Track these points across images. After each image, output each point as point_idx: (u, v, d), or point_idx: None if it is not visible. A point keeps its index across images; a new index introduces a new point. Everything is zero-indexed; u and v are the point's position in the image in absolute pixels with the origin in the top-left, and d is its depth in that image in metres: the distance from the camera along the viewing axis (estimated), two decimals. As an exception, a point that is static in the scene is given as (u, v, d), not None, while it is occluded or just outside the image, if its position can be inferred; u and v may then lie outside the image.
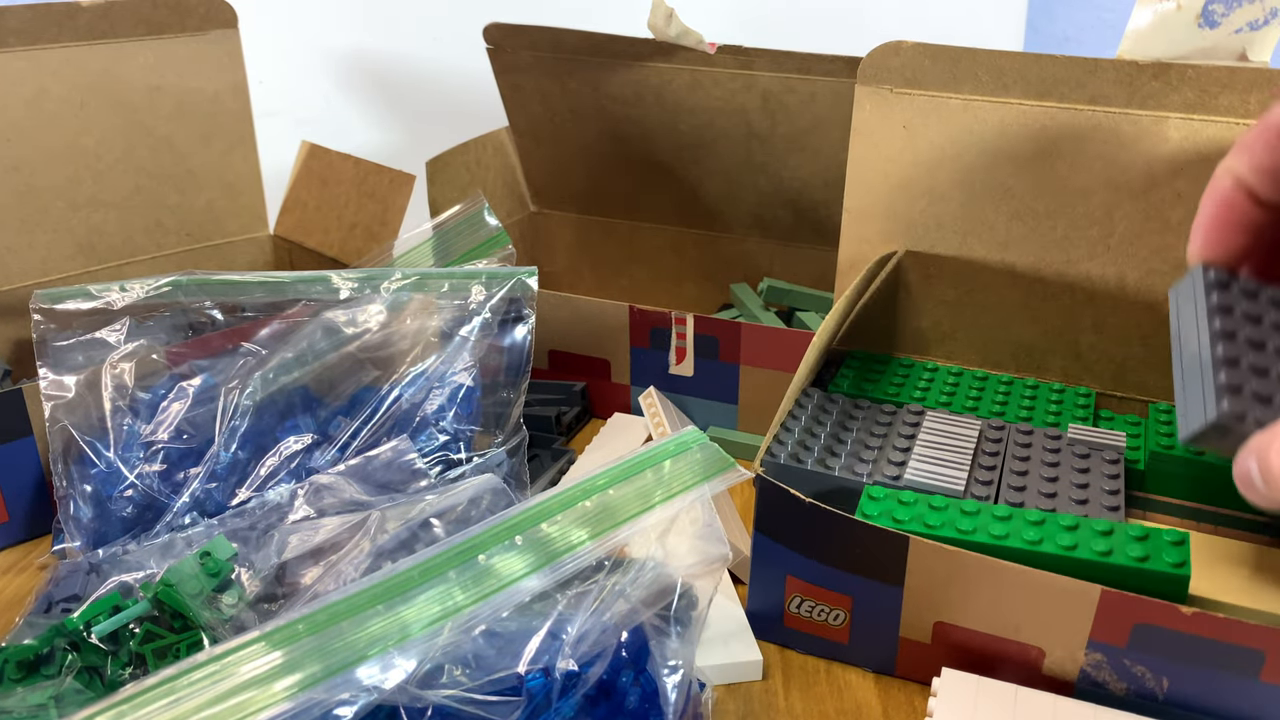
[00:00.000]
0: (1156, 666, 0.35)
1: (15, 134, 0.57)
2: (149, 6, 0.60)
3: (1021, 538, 0.37)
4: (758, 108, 0.65)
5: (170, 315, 0.49)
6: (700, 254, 0.75)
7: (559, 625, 0.31)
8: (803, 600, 0.40)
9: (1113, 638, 0.35)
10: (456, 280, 0.51)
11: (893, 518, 0.39)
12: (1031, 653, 0.37)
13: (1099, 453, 0.44)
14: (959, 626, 0.38)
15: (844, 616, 0.40)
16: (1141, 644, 0.35)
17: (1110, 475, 0.42)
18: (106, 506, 0.46)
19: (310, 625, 0.29)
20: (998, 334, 0.50)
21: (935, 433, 0.45)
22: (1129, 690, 0.36)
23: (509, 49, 0.69)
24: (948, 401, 0.48)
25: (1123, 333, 0.48)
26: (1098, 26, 0.95)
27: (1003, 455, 0.44)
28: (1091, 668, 0.36)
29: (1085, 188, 0.46)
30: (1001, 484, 0.42)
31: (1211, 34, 0.43)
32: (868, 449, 0.44)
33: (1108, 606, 0.34)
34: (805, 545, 0.39)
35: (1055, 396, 0.48)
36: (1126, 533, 0.37)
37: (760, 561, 0.41)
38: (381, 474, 0.46)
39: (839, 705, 0.40)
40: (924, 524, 0.38)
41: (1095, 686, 0.36)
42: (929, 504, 0.39)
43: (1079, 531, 0.37)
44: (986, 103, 0.46)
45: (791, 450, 0.44)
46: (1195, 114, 0.44)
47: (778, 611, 0.41)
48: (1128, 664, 0.35)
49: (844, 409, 0.47)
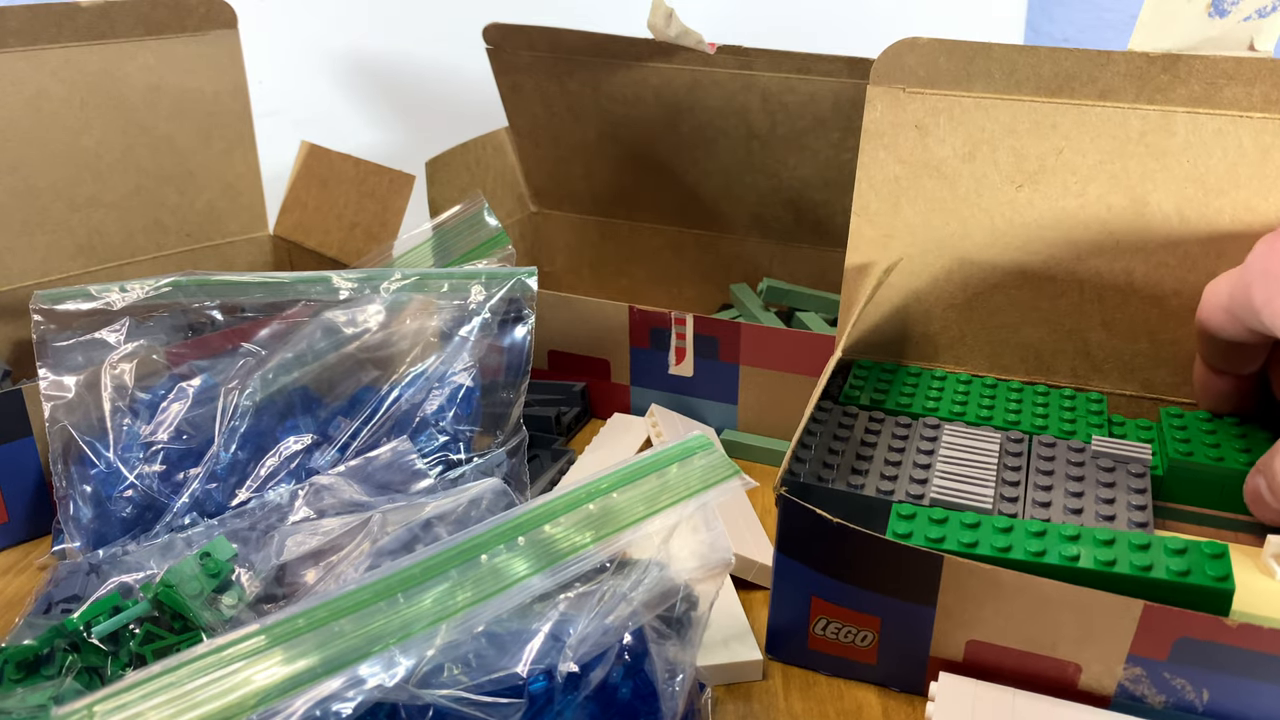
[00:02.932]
0: (1198, 679, 0.34)
1: (15, 134, 0.57)
2: (148, 6, 0.60)
3: (1059, 554, 0.36)
4: (758, 108, 0.65)
5: (170, 315, 0.49)
6: (700, 254, 0.75)
7: (560, 627, 0.31)
8: (829, 622, 0.39)
9: (1153, 652, 0.34)
10: (456, 280, 0.51)
11: (927, 537, 0.38)
12: (1068, 669, 0.36)
13: (1124, 465, 0.43)
14: (992, 644, 0.37)
15: (872, 637, 0.39)
16: (1183, 657, 0.34)
17: (1137, 489, 0.42)
18: (106, 507, 0.46)
19: (310, 621, 0.29)
20: (1007, 336, 0.50)
21: (955, 447, 0.44)
22: (1167, 703, 0.35)
23: (509, 49, 0.69)
24: (961, 412, 0.47)
25: (1131, 329, 0.48)
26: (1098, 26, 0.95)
27: (1025, 469, 0.43)
28: (1130, 681, 0.35)
29: (1096, 182, 0.46)
30: (1027, 499, 0.41)
31: (1221, 23, 0.43)
32: (889, 465, 0.43)
33: (1150, 621, 0.34)
34: (831, 566, 0.38)
35: (1068, 404, 0.48)
36: (1164, 546, 0.36)
37: (783, 583, 0.40)
38: (381, 475, 0.46)
39: (839, 706, 0.40)
40: (960, 543, 0.37)
41: (1133, 700, 0.36)
42: (961, 521, 0.38)
43: (1116, 546, 0.37)
44: (998, 100, 0.46)
45: (812, 468, 0.43)
46: (1200, 108, 0.44)
47: (801, 634, 0.40)
48: (1167, 677, 0.35)
49: (860, 423, 0.47)
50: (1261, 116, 0.43)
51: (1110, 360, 0.49)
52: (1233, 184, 0.44)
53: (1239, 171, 0.44)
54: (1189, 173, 0.45)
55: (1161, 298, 0.47)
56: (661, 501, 0.35)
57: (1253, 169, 0.44)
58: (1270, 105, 0.43)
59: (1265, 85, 0.43)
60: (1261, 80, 0.43)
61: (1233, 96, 0.43)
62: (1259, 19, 0.43)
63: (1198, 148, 0.44)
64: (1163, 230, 0.46)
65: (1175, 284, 0.47)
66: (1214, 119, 0.44)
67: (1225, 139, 0.44)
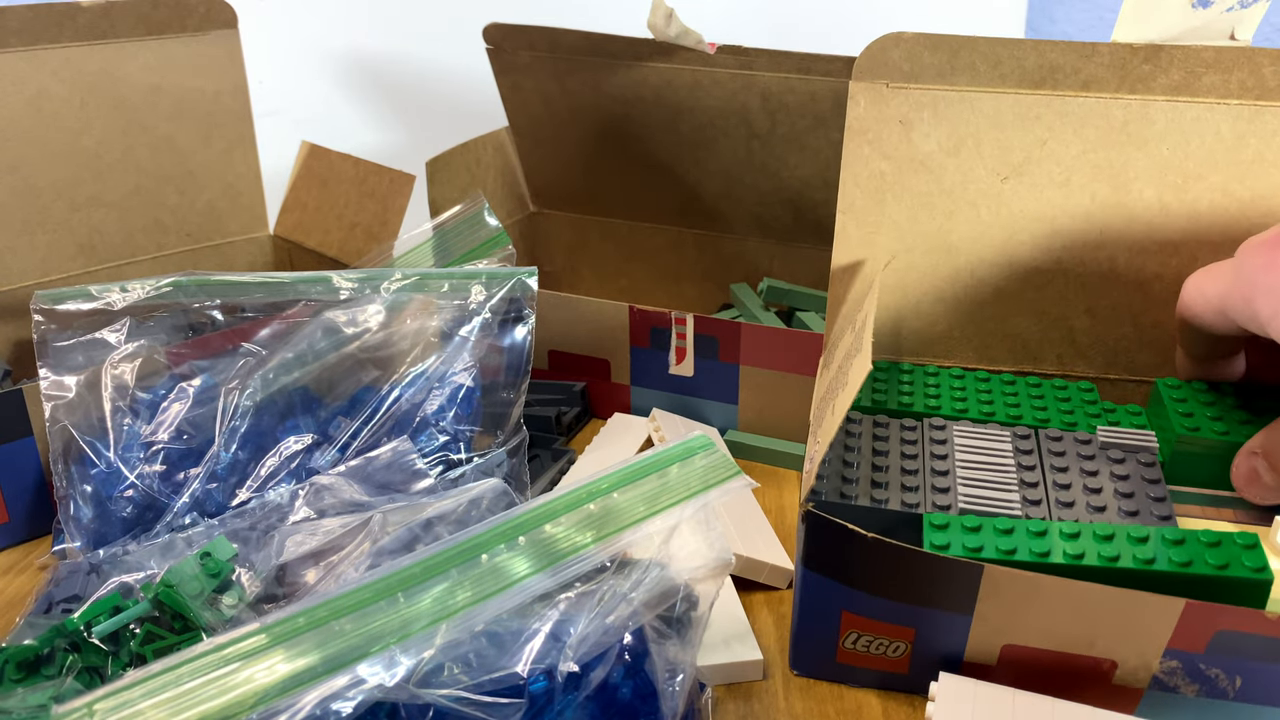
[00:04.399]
0: (1232, 668, 0.35)
1: (15, 134, 0.57)
2: (149, 6, 0.60)
3: (1098, 554, 0.37)
4: (758, 108, 0.65)
5: (171, 315, 0.49)
6: (700, 254, 0.75)
7: (561, 627, 0.31)
8: (859, 635, 0.39)
9: (1191, 645, 0.35)
10: (456, 280, 0.51)
11: (965, 546, 0.38)
12: (1104, 665, 0.37)
13: (1133, 455, 0.43)
14: (1028, 647, 0.37)
15: (904, 648, 0.39)
16: (1220, 649, 0.35)
17: (1151, 479, 0.42)
18: (106, 507, 0.46)
19: (310, 620, 0.29)
20: (994, 327, 0.50)
21: (969, 449, 0.44)
22: (1200, 691, 0.36)
23: (509, 49, 0.69)
24: (964, 409, 0.47)
25: (1114, 315, 0.49)
26: (1098, 26, 0.95)
27: (1040, 467, 0.43)
28: (1165, 674, 0.36)
29: (1078, 173, 0.47)
30: (1050, 499, 0.41)
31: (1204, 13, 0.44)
32: (907, 474, 0.43)
33: (1190, 616, 0.34)
34: (864, 580, 0.38)
35: (1062, 394, 0.49)
36: (1198, 539, 0.37)
37: (811, 599, 0.39)
38: (382, 474, 0.46)
39: (839, 706, 0.40)
40: (998, 550, 0.37)
41: (1167, 691, 0.36)
42: (994, 527, 0.38)
43: (1151, 543, 0.37)
44: (982, 93, 0.46)
45: (832, 483, 0.43)
46: (1180, 96, 0.45)
47: (830, 648, 0.40)
48: (1202, 667, 0.35)
49: (866, 428, 0.47)
50: (1238, 103, 0.44)
51: (1095, 346, 0.50)
52: (1211, 169, 0.45)
53: (1217, 157, 0.45)
54: (1169, 160, 0.46)
55: (1144, 283, 0.48)
56: (662, 502, 0.35)
57: (1229, 154, 0.45)
58: (1246, 92, 0.44)
59: (1242, 72, 0.44)
60: (1239, 68, 0.43)
61: (1211, 84, 0.44)
62: (1240, 9, 0.44)
63: (1177, 135, 0.45)
64: (1144, 217, 0.47)
65: (1157, 269, 0.48)
66: (1193, 107, 0.45)
67: (1203, 126, 0.45)
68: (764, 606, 0.46)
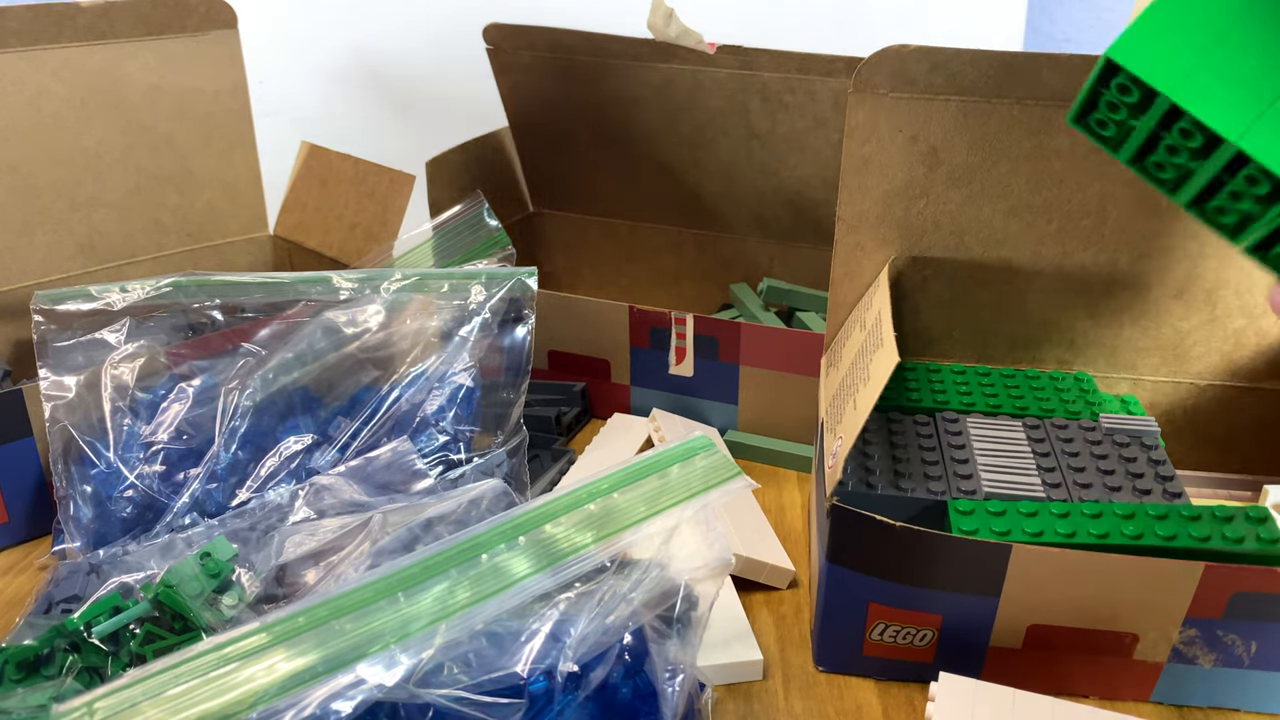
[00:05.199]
0: (1247, 632, 0.37)
1: (15, 134, 0.57)
2: (149, 6, 0.60)
3: (1121, 532, 0.38)
4: (758, 108, 0.65)
5: (170, 315, 0.49)
6: (700, 254, 0.75)
7: (560, 627, 0.31)
8: (887, 626, 0.40)
9: (1209, 611, 0.37)
10: (456, 281, 0.51)
11: (992, 530, 0.39)
12: (1125, 639, 0.38)
13: (1137, 440, 0.45)
14: (1052, 626, 0.38)
15: (931, 635, 0.40)
16: (1237, 612, 0.37)
17: (1157, 460, 0.44)
18: (106, 507, 0.46)
19: (311, 619, 0.29)
20: (994, 328, 0.51)
21: (985, 439, 0.45)
22: (1217, 660, 0.38)
23: (509, 49, 0.69)
24: (972, 403, 0.48)
25: (1114, 317, 0.49)
26: (1098, 26, 0.95)
27: (1054, 453, 0.45)
28: (1184, 644, 0.38)
29: (1079, 180, 0.47)
30: (1068, 481, 0.43)
31: None
32: (928, 465, 0.44)
33: (1208, 580, 0.36)
34: (891, 570, 0.38)
35: (1061, 385, 0.50)
36: (1213, 514, 0.39)
37: (835, 593, 0.40)
38: (382, 475, 0.46)
39: (839, 706, 0.40)
40: (1025, 532, 0.38)
41: (1185, 663, 0.38)
42: (1018, 510, 0.39)
43: (1170, 521, 0.39)
44: (981, 103, 0.46)
45: (855, 475, 0.43)
46: None
47: (857, 642, 0.41)
48: (1220, 634, 0.37)
49: (880, 424, 0.47)
50: None
51: (1094, 348, 0.51)
52: None
53: None
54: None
55: (1144, 287, 0.49)
56: (662, 502, 0.35)
57: None
58: None
59: None
60: None
61: None
62: None
63: None
64: (1145, 220, 0.47)
65: (1156, 272, 0.48)
66: None
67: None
68: (764, 606, 0.46)
